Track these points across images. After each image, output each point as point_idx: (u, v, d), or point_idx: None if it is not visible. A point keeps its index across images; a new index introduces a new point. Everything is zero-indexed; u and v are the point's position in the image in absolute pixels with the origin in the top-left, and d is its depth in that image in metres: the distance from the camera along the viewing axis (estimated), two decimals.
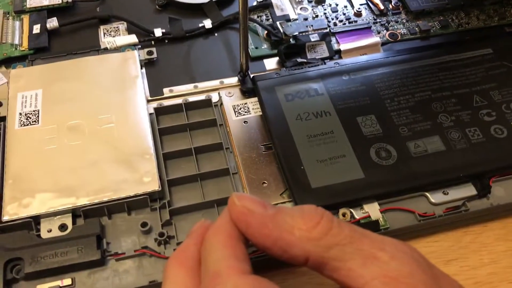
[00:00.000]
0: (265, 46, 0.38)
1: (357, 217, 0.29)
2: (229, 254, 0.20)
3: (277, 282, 0.29)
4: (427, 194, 0.30)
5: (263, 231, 0.21)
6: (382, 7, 0.41)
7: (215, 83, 0.36)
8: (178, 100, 0.35)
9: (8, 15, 0.40)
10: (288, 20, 0.40)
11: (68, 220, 0.28)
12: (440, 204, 0.30)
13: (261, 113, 0.34)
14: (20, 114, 0.32)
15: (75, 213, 0.28)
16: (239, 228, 0.21)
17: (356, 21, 0.40)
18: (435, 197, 0.30)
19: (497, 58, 0.37)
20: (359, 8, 0.41)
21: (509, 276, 0.29)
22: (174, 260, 0.22)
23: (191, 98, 0.35)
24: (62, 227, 0.28)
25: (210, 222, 0.23)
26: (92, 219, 0.28)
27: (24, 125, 0.32)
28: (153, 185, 0.29)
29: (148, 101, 0.35)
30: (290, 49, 0.38)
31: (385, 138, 0.32)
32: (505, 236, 0.31)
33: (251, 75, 0.36)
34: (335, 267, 0.20)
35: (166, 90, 0.35)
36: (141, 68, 0.36)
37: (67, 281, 0.26)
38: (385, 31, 0.39)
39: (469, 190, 0.31)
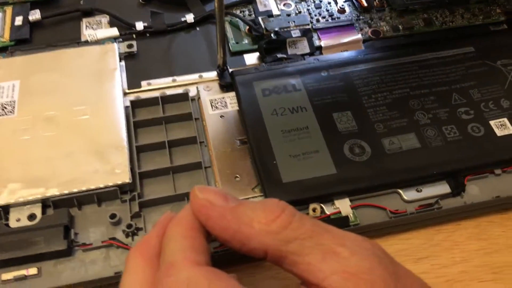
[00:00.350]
0: (246, 41, 0.38)
1: (327, 212, 0.29)
2: (187, 245, 0.20)
3: (245, 277, 0.29)
4: (400, 191, 0.30)
5: (222, 224, 0.21)
6: (365, 4, 0.40)
7: (193, 77, 0.36)
8: (156, 94, 0.35)
9: None
10: (271, 15, 0.40)
11: (37, 210, 0.28)
12: (413, 201, 0.30)
13: (238, 108, 0.34)
14: None
15: (45, 203, 0.28)
16: (200, 220, 0.21)
17: (339, 18, 0.40)
18: (408, 194, 0.30)
19: (479, 56, 0.37)
20: (342, 5, 0.41)
21: (480, 275, 0.29)
22: (136, 251, 0.22)
23: (169, 92, 0.35)
24: (31, 216, 0.28)
25: (175, 214, 0.23)
26: (61, 210, 0.28)
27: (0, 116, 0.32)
28: (124, 177, 0.29)
29: (126, 93, 0.35)
30: (271, 44, 0.38)
31: (360, 134, 0.32)
32: (478, 235, 0.31)
33: (230, 70, 0.36)
34: (294, 261, 0.20)
35: (144, 83, 0.35)
36: (120, 61, 0.36)
37: (33, 271, 0.26)
38: (367, 28, 0.39)
39: (443, 188, 0.31)
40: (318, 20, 0.40)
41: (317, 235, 0.20)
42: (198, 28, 0.40)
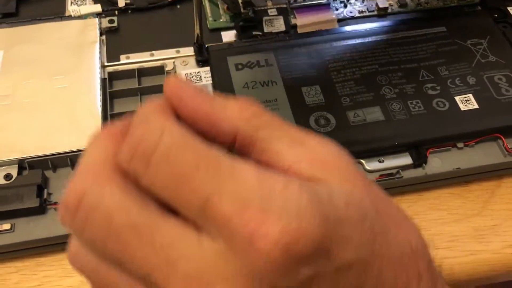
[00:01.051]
0: (224, 19, 0.40)
1: None
2: (160, 108, 0.18)
3: None
4: (362, 161, 0.31)
5: (194, 104, 0.20)
6: None
7: (171, 52, 0.37)
8: (133, 67, 0.36)
9: None
10: None
11: (13, 170, 0.30)
12: (374, 171, 0.31)
13: (211, 82, 0.35)
14: None
15: (21, 165, 0.30)
16: (172, 102, 0.20)
17: None
18: (370, 164, 0.31)
19: (450, 36, 0.37)
20: None
21: (436, 243, 0.30)
22: (101, 131, 0.18)
23: (146, 65, 0.36)
24: (7, 176, 0.29)
25: None
26: (36, 170, 0.29)
27: None
28: None
29: (104, 66, 0.36)
30: (248, 22, 0.39)
31: (327, 107, 0.33)
32: (438, 206, 0.32)
33: (206, 46, 0.37)
34: (263, 148, 0.20)
35: (123, 57, 0.37)
36: (101, 36, 0.37)
37: (6, 226, 0.28)
38: (343, 8, 0.40)
39: (405, 159, 0.32)
40: (295, 0, 0.41)
41: (287, 127, 0.20)
42: (179, 6, 0.41)
